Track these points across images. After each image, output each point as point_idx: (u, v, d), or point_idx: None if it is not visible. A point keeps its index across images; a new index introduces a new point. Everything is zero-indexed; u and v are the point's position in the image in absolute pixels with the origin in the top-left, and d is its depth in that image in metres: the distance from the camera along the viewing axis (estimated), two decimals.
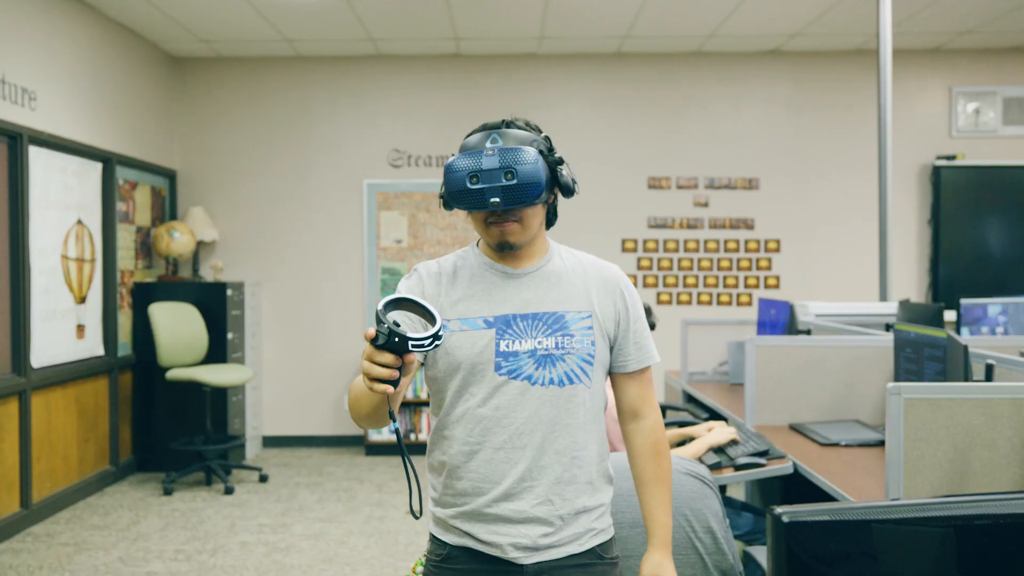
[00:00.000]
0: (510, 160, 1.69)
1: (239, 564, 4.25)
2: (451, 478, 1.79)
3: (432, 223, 6.90)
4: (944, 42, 6.58)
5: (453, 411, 1.78)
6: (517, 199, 1.70)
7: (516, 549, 1.74)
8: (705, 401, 4.29)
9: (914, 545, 0.92)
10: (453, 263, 1.85)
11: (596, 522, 1.81)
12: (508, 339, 1.75)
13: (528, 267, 1.82)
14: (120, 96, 6.03)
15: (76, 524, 4.91)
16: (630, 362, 1.85)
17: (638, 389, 1.88)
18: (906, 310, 4.17)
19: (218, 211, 6.92)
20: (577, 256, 1.89)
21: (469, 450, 1.76)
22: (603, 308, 1.81)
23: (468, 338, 1.75)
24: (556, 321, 1.77)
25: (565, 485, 1.75)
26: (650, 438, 1.88)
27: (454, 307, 1.78)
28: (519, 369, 1.74)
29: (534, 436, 1.74)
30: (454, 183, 1.71)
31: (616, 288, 1.84)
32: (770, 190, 6.87)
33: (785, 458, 2.84)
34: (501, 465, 1.74)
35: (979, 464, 2.13)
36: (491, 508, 1.75)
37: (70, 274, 5.38)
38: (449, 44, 6.58)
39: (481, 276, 1.81)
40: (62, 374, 5.21)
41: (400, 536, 4.68)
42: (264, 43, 6.52)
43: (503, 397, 1.74)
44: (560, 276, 1.82)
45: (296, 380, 6.92)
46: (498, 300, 1.78)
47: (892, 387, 2.14)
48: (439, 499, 1.84)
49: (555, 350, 1.75)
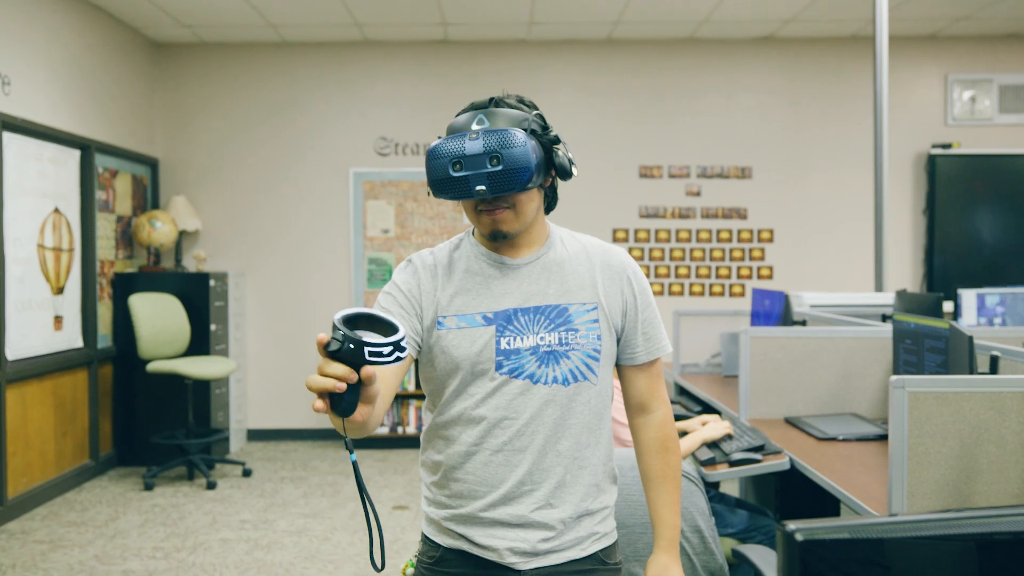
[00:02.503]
0: (495, 144, 1.54)
1: (219, 562, 4.13)
2: (446, 479, 1.67)
3: (420, 212, 6.77)
4: (940, 28, 6.48)
5: (450, 411, 1.66)
6: (504, 186, 1.56)
7: (514, 554, 1.63)
8: (698, 394, 4.19)
9: (943, 563, 0.81)
10: (448, 253, 1.72)
11: (599, 526, 1.70)
12: (509, 336, 1.63)
13: (528, 256, 1.69)
14: (99, 82, 5.88)
15: (52, 521, 4.78)
16: (639, 354, 1.74)
17: (647, 382, 1.77)
18: (903, 300, 4.07)
19: (201, 200, 6.77)
20: (580, 241, 1.76)
21: (466, 451, 1.64)
22: (609, 298, 1.69)
23: (467, 336, 1.63)
24: (559, 315, 1.65)
25: (567, 488, 1.64)
26: (659, 433, 1.77)
27: (451, 302, 1.66)
28: (521, 367, 1.62)
29: (536, 438, 1.62)
30: (436, 171, 1.58)
31: (623, 275, 1.72)
32: (763, 179, 6.76)
33: (781, 453, 2.74)
34: (500, 468, 1.63)
35: (986, 461, 2.03)
36: (488, 512, 1.63)
37: (47, 264, 5.24)
38: (437, 29, 6.45)
39: (478, 268, 1.68)
40: (38, 367, 5.08)
41: (385, 533, 4.56)
42: (247, 28, 6.37)
43: (503, 397, 1.62)
44: (563, 265, 1.70)
45: (281, 372, 6.79)
46: (497, 294, 1.66)
47: (896, 380, 2.03)
48: (433, 499, 1.72)
49: (559, 346, 1.63)
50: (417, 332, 1.66)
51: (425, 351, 1.68)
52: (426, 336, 1.67)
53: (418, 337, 1.66)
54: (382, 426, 6.55)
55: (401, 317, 1.64)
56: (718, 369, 4.69)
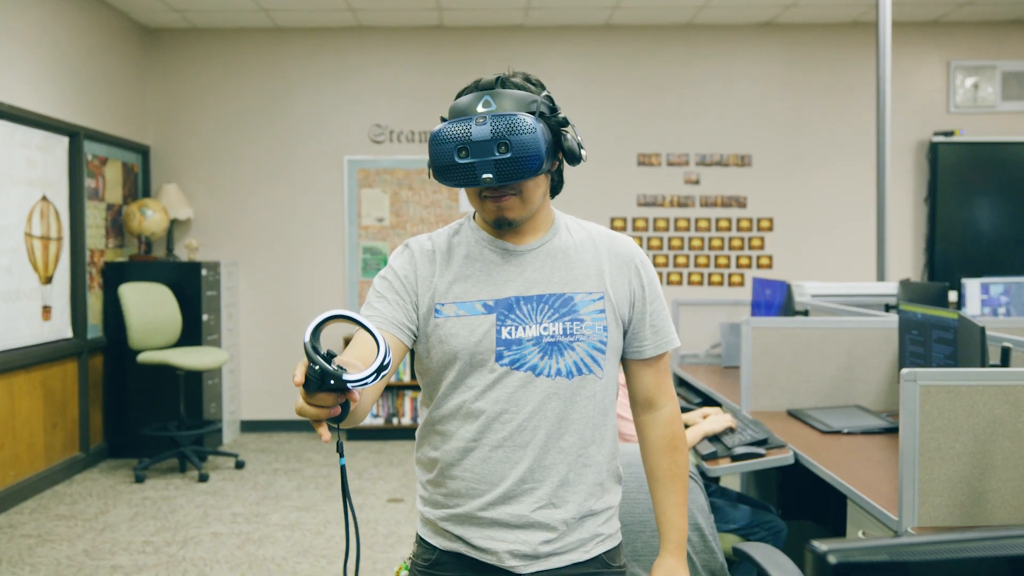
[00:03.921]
0: (504, 130, 1.45)
1: (209, 557, 4.05)
2: (443, 477, 1.59)
3: (415, 201, 6.68)
4: (942, 14, 6.38)
5: (446, 404, 1.58)
6: (513, 174, 1.47)
7: (514, 557, 1.55)
8: (698, 385, 4.11)
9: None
10: (447, 239, 1.63)
11: (603, 527, 1.62)
12: (511, 325, 1.54)
13: (532, 243, 1.60)
14: (88, 67, 5.77)
15: (41, 514, 4.70)
16: (646, 348, 1.65)
17: (654, 377, 1.67)
18: (907, 290, 4.00)
19: (193, 188, 6.67)
20: (587, 228, 1.67)
21: (464, 447, 1.56)
22: (617, 288, 1.61)
23: (466, 325, 1.54)
24: (564, 304, 1.56)
25: (570, 487, 1.56)
26: (666, 431, 1.68)
27: (449, 289, 1.57)
28: (523, 359, 1.54)
29: (537, 433, 1.54)
30: (440, 156, 1.48)
31: (631, 264, 1.63)
32: (763, 167, 6.67)
33: (785, 447, 2.66)
34: (499, 465, 1.54)
35: (1001, 457, 1.95)
36: (487, 512, 1.55)
37: (35, 253, 5.14)
38: (432, 15, 6.34)
39: (479, 254, 1.60)
40: (26, 357, 4.98)
41: (379, 526, 4.49)
42: (239, 13, 6.25)
43: (504, 390, 1.54)
44: (568, 252, 1.61)
45: (275, 362, 6.70)
46: (499, 281, 1.57)
47: (907, 373, 1.96)
48: (428, 499, 1.63)
49: (563, 337, 1.55)
50: (412, 321, 1.57)
51: (421, 341, 1.59)
52: (422, 325, 1.58)
53: (413, 326, 1.58)
54: (376, 417, 6.48)
55: (396, 304, 1.56)
56: (718, 360, 4.62)
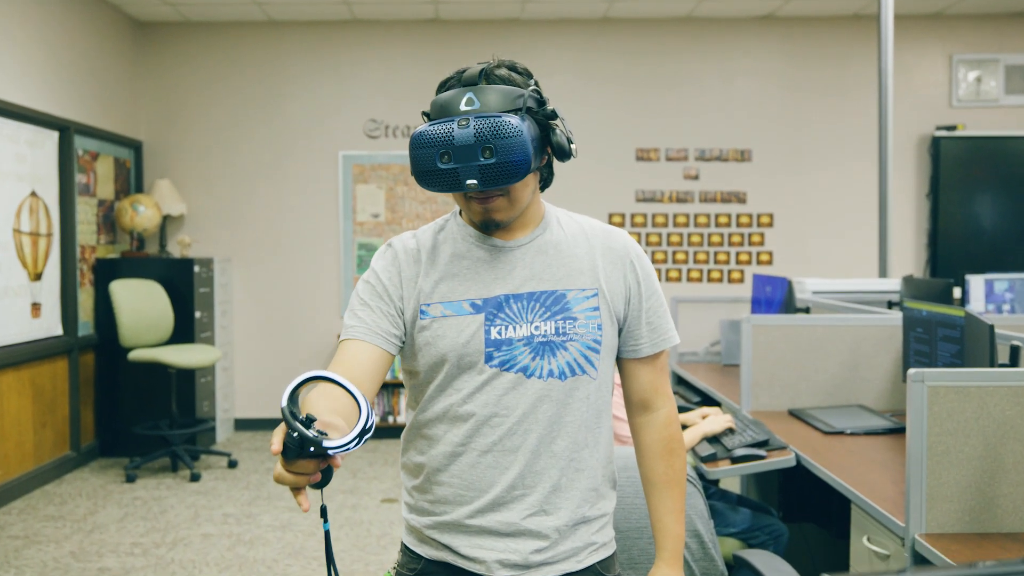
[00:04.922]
0: (488, 133, 1.37)
1: (198, 559, 3.98)
2: (429, 483, 1.52)
3: (410, 196, 6.59)
4: (945, 7, 6.30)
5: (433, 407, 1.50)
6: (498, 179, 1.39)
7: (503, 567, 1.47)
8: (697, 384, 4.04)
9: None
10: (432, 236, 1.55)
11: (597, 535, 1.54)
12: (500, 325, 1.46)
13: (521, 238, 1.53)
14: (79, 62, 5.68)
15: (29, 515, 4.62)
16: (643, 346, 1.57)
17: (651, 377, 1.59)
18: (911, 287, 3.91)
19: (186, 184, 6.59)
20: (578, 221, 1.59)
21: (451, 452, 1.49)
22: (611, 284, 1.53)
23: (453, 325, 1.47)
24: (556, 302, 1.49)
25: (563, 493, 1.49)
26: (663, 434, 1.60)
27: (435, 289, 1.49)
28: (513, 360, 1.46)
29: (528, 437, 1.46)
30: (422, 161, 1.40)
31: (626, 259, 1.55)
32: (763, 162, 6.59)
33: (787, 449, 2.59)
34: (488, 471, 1.47)
35: (1012, 460, 1.88)
36: (475, 519, 1.48)
37: (23, 249, 5.06)
38: (428, 8, 6.26)
39: (466, 251, 1.52)
40: (15, 355, 4.90)
41: (373, 527, 4.42)
42: (232, 6, 6.17)
43: (493, 392, 1.46)
44: (560, 247, 1.53)
45: (269, 360, 6.62)
46: (487, 279, 1.49)
47: (915, 373, 1.88)
48: (414, 506, 1.56)
49: (555, 336, 1.47)
50: (398, 327, 1.50)
51: (407, 343, 1.52)
52: (408, 328, 1.51)
53: (399, 332, 1.51)
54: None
55: (380, 312, 1.49)
56: (717, 358, 4.54)
